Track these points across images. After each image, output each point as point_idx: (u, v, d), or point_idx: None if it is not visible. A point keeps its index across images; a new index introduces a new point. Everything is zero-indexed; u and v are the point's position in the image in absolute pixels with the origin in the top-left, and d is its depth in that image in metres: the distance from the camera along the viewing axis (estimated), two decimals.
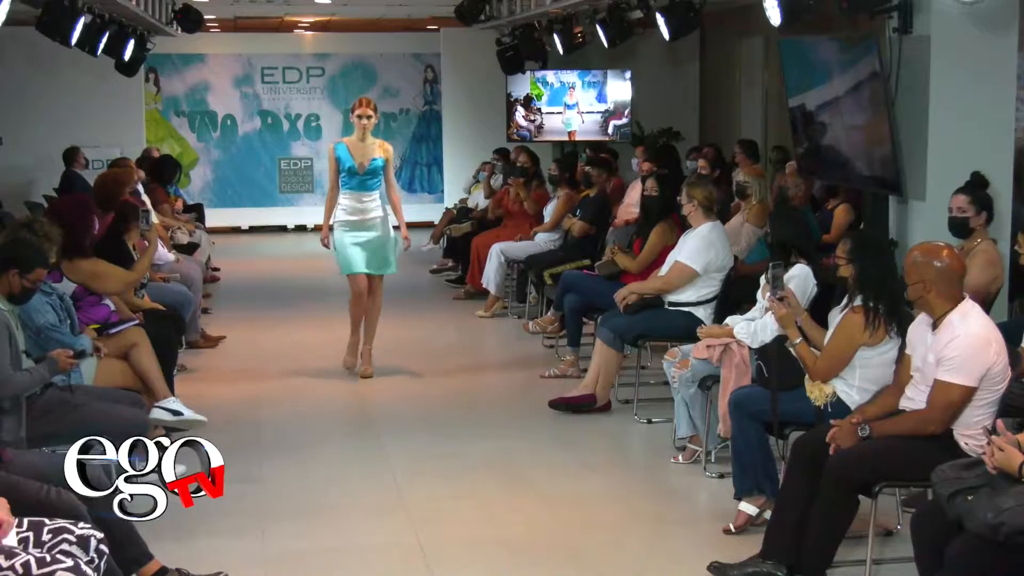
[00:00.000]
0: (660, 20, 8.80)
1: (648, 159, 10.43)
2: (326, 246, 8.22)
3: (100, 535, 3.77)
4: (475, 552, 5.15)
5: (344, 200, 7.99)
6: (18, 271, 5.19)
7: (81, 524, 3.79)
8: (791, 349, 5.20)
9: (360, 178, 7.92)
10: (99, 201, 7.49)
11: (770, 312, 5.77)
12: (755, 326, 5.79)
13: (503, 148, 13.08)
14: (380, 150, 7.98)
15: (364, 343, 8.24)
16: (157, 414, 6.24)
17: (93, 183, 8.78)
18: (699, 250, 6.79)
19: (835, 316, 5.23)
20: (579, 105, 14.16)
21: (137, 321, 6.63)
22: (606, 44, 10.05)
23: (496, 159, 13.01)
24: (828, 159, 7.88)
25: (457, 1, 12.34)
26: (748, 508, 5.24)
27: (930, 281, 4.48)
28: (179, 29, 12.81)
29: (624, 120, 14.05)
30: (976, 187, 6.14)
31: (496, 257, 10.32)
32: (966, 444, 4.43)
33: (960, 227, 6.04)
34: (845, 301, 5.17)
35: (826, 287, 5.84)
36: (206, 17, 13.10)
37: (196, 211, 12.89)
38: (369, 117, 7.90)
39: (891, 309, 4.91)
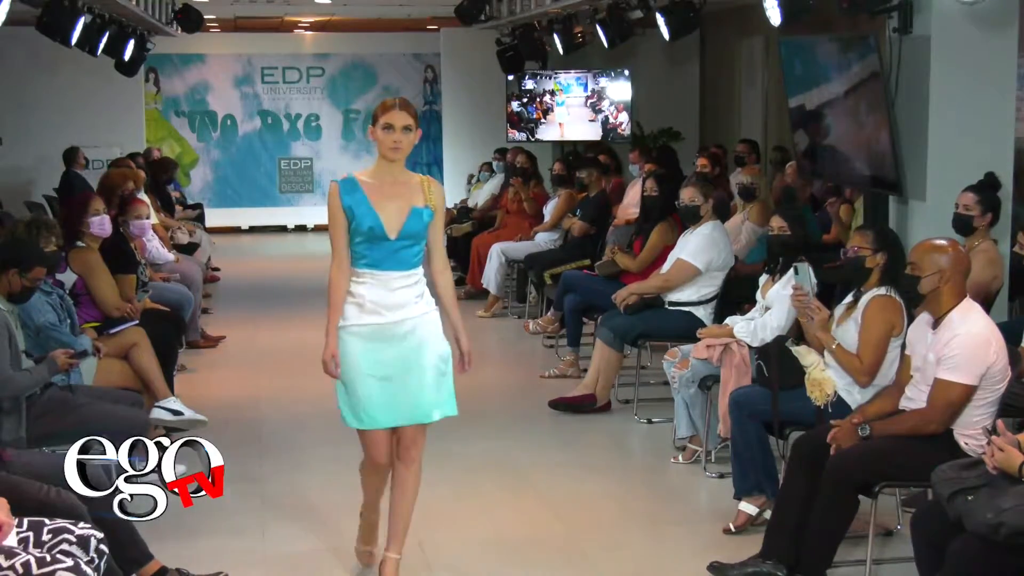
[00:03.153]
0: (660, 20, 8.81)
1: (645, 162, 10.43)
2: (334, 374, 4.62)
3: (100, 535, 3.77)
4: (475, 552, 5.15)
5: (359, 286, 4.49)
6: (17, 270, 5.20)
7: (81, 524, 3.79)
8: (829, 354, 5.10)
9: (390, 247, 4.43)
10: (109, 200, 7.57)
11: (769, 312, 5.79)
12: (755, 325, 5.80)
13: (503, 148, 13.08)
14: (424, 193, 4.50)
15: (387, 547, 4.70)
16: (157, 414, 6.25)
17: (97, 183, 8.91)
18: (702, 248, 6.79)
19: (839, 313, 5.22)
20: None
21: (137, 321, 6.65)
22: (606, 44, 10.05)
23: (496, 158, 13.02)
24: (828, 159, 7.88)
25: (457, 1, 12.35)
26: (748, 508, 5.24)
27: (947, 272, 4.48)
28: (179, 29, 12.82)
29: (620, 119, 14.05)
30: (987, 188, 6.14)
31: (496, 257, 10.33)
32: (966, 444, 4.43)
33: (964, 225, 6.04)
34: (850, 297, 5.16)
35: (826, 287, 5.84)
36: (206, 17, 13.11)
37: (196, 211, 12.91)
38: (409, 130, 4.42)
39: (908, 301, 4.90)
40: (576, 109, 14.12)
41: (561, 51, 11.61)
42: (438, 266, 4.67)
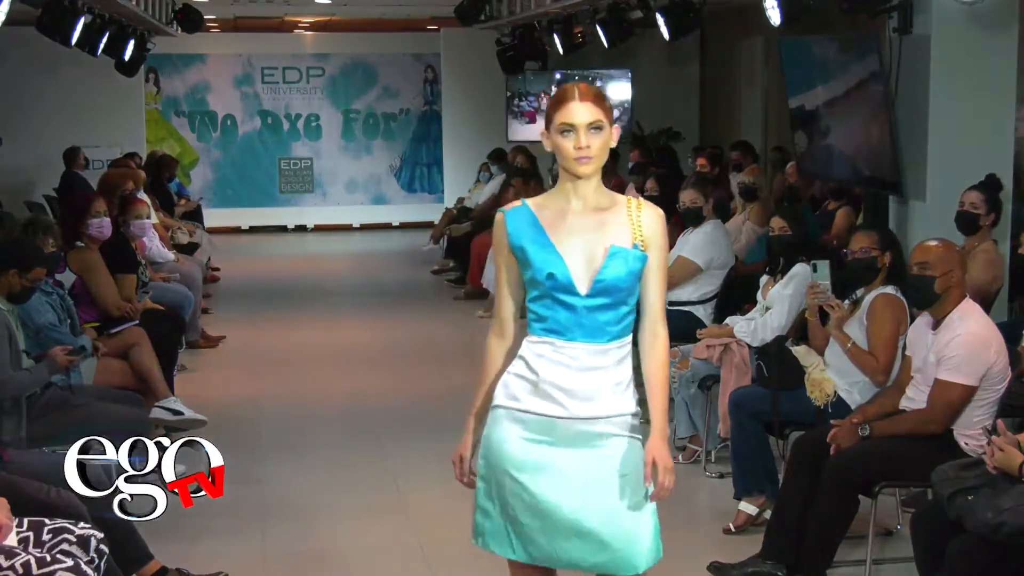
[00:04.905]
0: (660, 20, 8.81)
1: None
2: (463, 480, 3.43)
3: (100, 535, 3.78)
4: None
5: (535, 358, 3.15)
6: (17, 270, 5.20)
7: (81, 524, 3.79)
8: (844, 353, 5.08)
9: (580, 306, 3.09)
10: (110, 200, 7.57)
11: (770, 312, 5.79)
12: (755, 325, 5.80)
13: (499, 149, 13.05)
14: (632, 223, 3.12)
15: None
16: (157, 414, 6.25)
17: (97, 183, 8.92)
18: (702, 246, 6.80)
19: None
20: None
21: (137, 321, 6.65)
22: (606, 44, 10.06)
23: (490, 161, 12.98)
24: (828, 159, 7.89)
25: (457, 1, 12.35)
26: (748, 508, 5.23)
27: (957, 272, 4.51)
28: (179, 29, 12.81)
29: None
30: (990, 188, 6.15)
31: None
32: (966, 444, 4.43)
33: (969, 223, 6.04)
34: (849, 302, 5.17)
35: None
36: (206, 17, 13.10)
37: (195, 210, 12.91)
38: (599, 128, 3.07)
39: (917, 301, 4.89)
40: None
41: (561, 51, 11.61)
42: (649, 331, 3.19)
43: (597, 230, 3.10)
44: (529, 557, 3.17)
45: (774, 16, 7.02)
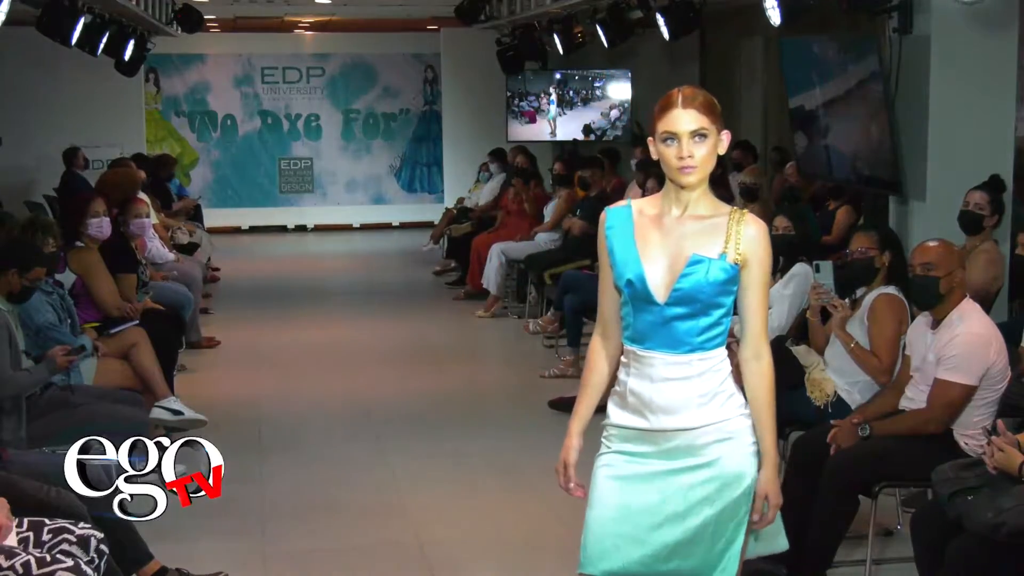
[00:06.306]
0: (660, 20, 8.80)
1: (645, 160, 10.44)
2: (567, 487, 3.29)
3: (100, 535, 3.78)
4: (475, 552, 5.15)
5: (623, 368, 3.17)
6: (17, 270, 5.20)
7: (81, 524, 3.79)
8: (847, 352, 5.08)
9: (658, 315, 3.03)
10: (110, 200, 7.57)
11: (770, 312, 5.78)
12: None
13: (499, 149, 13.05)
14: (728, 236, 3.01)
15: None
16: (157, 414, 6.26)
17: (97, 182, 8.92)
18: None
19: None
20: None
21: (137, 321, 6.66)
22: (606, 44, 10.06)
23: (490, 161, 12.99)
24: (828, 159, 7.88)
25: (457, 1, 12.35)
26: None
27: (959, 271, 4.52)
28: (179, 29, 12.81)
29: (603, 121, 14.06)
30: (994, 188, 6.15)
31: (496, 257, 10.34)
32: (966, 444, 4.43)
33: (973, 223, 6.04)
34: (849, 302, 5.16)
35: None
36: (206, 17, 13.10)
37: (194, 210, 12.91)
38: (703, 136, 2.96)
39: (921, 302, 4.89)
40: (574, 109, 14.16)
41: (561, 51, 11.61)
42: (751, 352, 3.08)
43: (688, 238, 3.02)
44: (595, 567, 3.10)
45: (774, 16, 7.03)
